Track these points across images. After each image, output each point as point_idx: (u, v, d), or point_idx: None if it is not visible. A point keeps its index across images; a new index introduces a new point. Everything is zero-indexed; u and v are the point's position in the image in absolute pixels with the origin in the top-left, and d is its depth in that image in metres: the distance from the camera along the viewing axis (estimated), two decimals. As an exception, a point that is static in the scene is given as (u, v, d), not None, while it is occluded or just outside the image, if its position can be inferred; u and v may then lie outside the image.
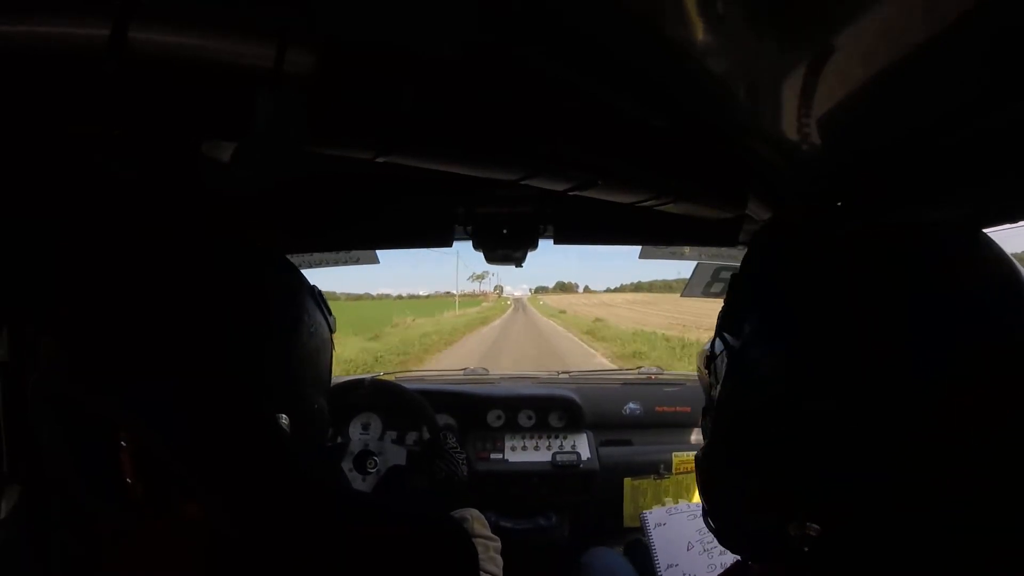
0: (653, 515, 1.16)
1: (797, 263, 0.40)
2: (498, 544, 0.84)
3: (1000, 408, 0.30)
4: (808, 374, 0.34)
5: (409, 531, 0.49)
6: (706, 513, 0.44)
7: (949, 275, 0.34)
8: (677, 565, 1.09)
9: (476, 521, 0.86)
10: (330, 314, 0.58)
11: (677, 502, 1.22)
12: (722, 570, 0.44)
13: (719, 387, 0.41)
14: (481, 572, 0.76)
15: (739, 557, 0.46)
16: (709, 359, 0.44)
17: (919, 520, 0.32)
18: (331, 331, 0.59)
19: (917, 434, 0.31)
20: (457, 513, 0.88)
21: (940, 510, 0.32)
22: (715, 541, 0.44)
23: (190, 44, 0.39)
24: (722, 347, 0.41)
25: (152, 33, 0.37)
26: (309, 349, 0.52)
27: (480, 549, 0.81)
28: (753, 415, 0.37)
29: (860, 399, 0.32)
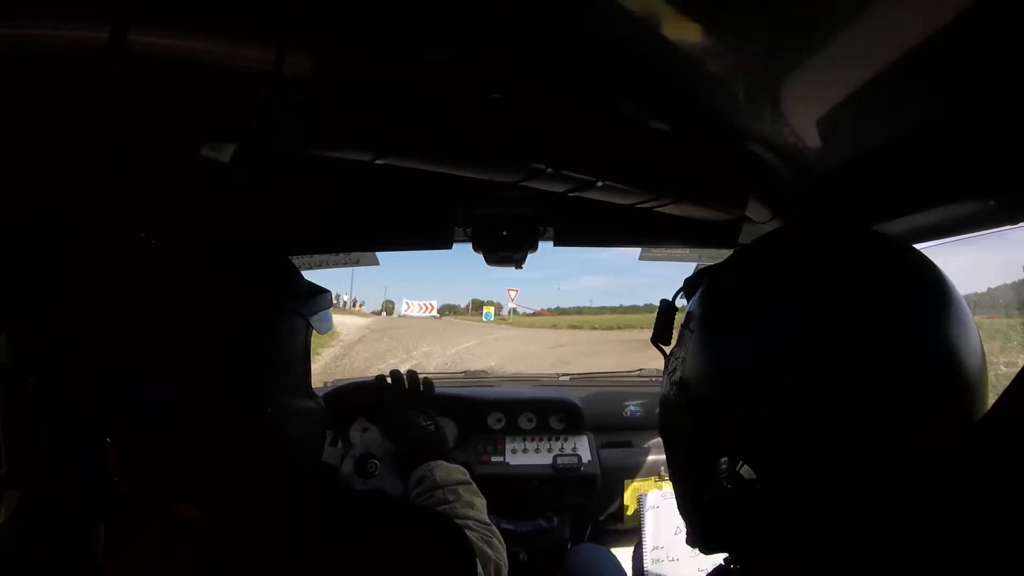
0: (649, 497, 1.21)
1: (763, 266, 0.42)
2: (471, 486, 0.84)
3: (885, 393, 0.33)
4: (766, 356, 0.37)
5: (408, 532, 0.49)
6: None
7: (898, 285, 0.36)
8: (662, 548, 1.13)
9: (439, 471, 0.84)
10: (306, 315, 0.57)
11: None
12: (704, 557, 0.45)
13: (682, 366, 0.43)
14: (456, 520, 0.76)
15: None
16: (669, 383, 0.45)
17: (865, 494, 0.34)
18: (309, 328, 0.57)
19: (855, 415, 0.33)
20: (417, 473, 0.86)
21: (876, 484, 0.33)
22: None
23: (189, 47, 0.39)
24: (688, 335, 0.44)
25: (151, 36, 0.37)
26: (280, 350, 0.52)
27: (451, 496, 0.80)
28: (715, 387, 0.40)
29: (804, 388, 0.35)
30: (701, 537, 0.45)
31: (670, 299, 0.51)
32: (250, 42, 0.40)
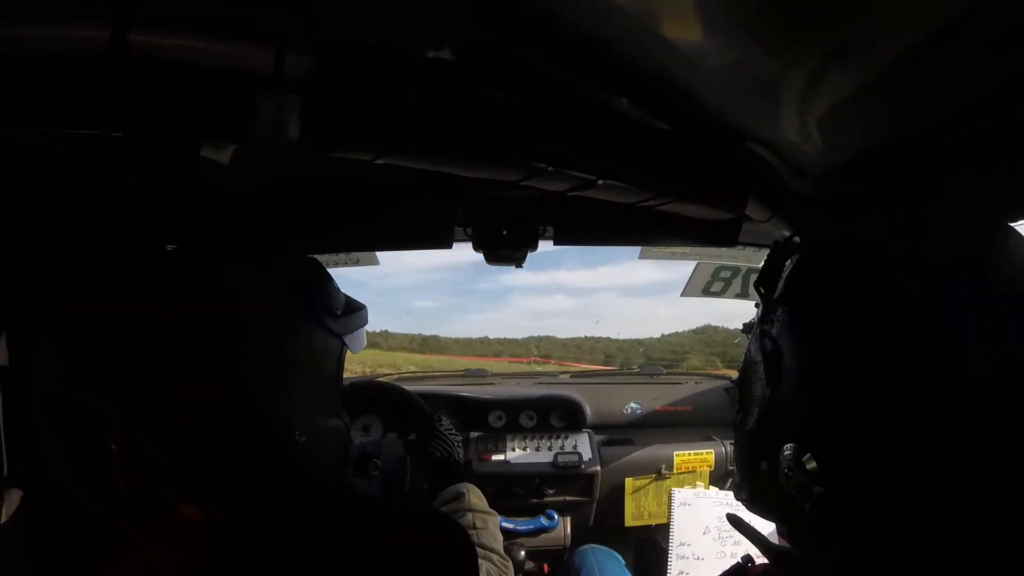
0: (680, 494, 1.21)
1: (819, 264, 0.43)
2: (496, 519, 0.84)
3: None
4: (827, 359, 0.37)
5: (408, 532, 0.49)
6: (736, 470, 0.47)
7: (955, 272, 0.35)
8: (689, 545, 1.13)
9: (473, 495, 0.86)
10: (337, 332, 0.56)
11: (708, 487, 1.27)
12: (730, 559, 0.45)
13: (779, 329, 0.42)
14: (479, 548, 0.76)
15: (751, 549, 0.47)
16: (761, 338, 0.44)
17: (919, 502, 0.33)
18: (343, 348, 0.56)
19: (917, 418, 0.32)
20: (454, 488, 0.88)
21: (937, 486, 0.32)
22: (731, 531, 0.45)
23: (190, 47, 0.39)
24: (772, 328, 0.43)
25: (152, 36, 0.37)
26: (303, 369, 0.51)
27: (479, 523, 0.81)
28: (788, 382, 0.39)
29: (866, 386, 0.34)
30: (749, 494, 0.44)
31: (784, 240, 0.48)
32: (250, 42, 0.40)
